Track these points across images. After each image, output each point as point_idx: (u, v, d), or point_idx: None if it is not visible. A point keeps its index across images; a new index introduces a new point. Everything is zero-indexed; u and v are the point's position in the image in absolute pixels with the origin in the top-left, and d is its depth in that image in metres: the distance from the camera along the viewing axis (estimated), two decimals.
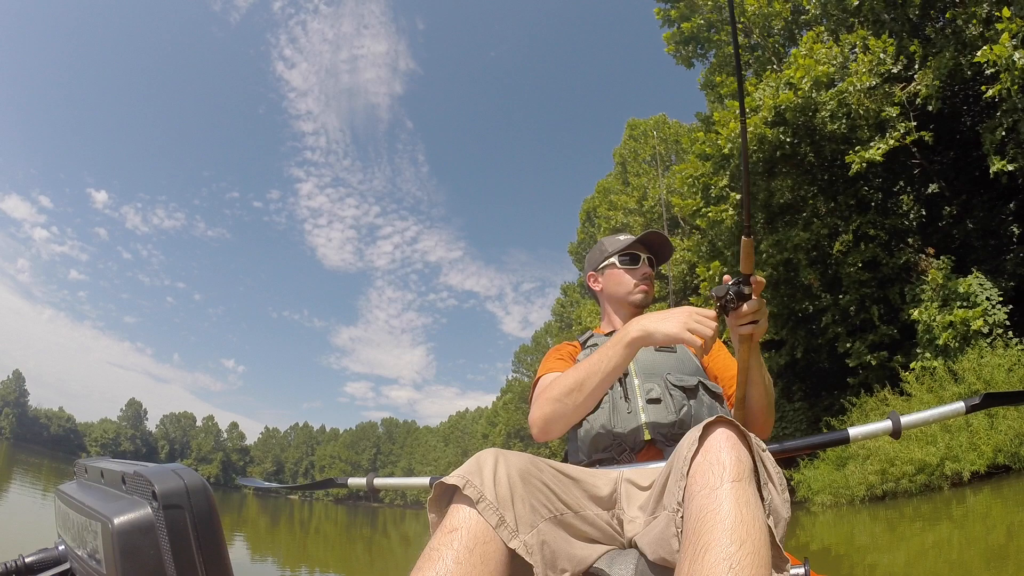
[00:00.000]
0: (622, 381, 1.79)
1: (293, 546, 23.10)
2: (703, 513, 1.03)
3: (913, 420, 1.68)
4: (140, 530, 0.85)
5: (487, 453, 1.30)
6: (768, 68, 17.19)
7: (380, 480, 2.18)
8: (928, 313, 12.98)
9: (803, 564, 1.26)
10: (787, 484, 1.27)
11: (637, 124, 35.78)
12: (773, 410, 1.77)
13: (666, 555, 1.18)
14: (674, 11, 18.67)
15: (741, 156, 1.34)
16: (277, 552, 19.48)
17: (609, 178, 37.04)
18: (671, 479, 1.21)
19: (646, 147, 33.95)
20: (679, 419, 1.68)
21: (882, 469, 11.86)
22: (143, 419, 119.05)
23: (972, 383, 11.13)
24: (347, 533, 36.57)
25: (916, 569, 7.53)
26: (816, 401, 17.79)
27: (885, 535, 9.98)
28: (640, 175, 32.32)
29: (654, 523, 1.27)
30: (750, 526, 0.99)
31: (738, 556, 0.94)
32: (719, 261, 17.22)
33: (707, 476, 1.08)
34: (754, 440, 1.19)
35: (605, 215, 34.44)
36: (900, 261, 14.77)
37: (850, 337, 15.43)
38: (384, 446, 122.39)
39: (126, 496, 0.94)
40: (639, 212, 30.64)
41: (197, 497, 0.90)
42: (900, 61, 14.09)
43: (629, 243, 2.07)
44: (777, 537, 1.11)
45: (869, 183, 15.72)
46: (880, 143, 13.54)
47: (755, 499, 1.06)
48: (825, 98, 14.09)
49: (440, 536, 1.15)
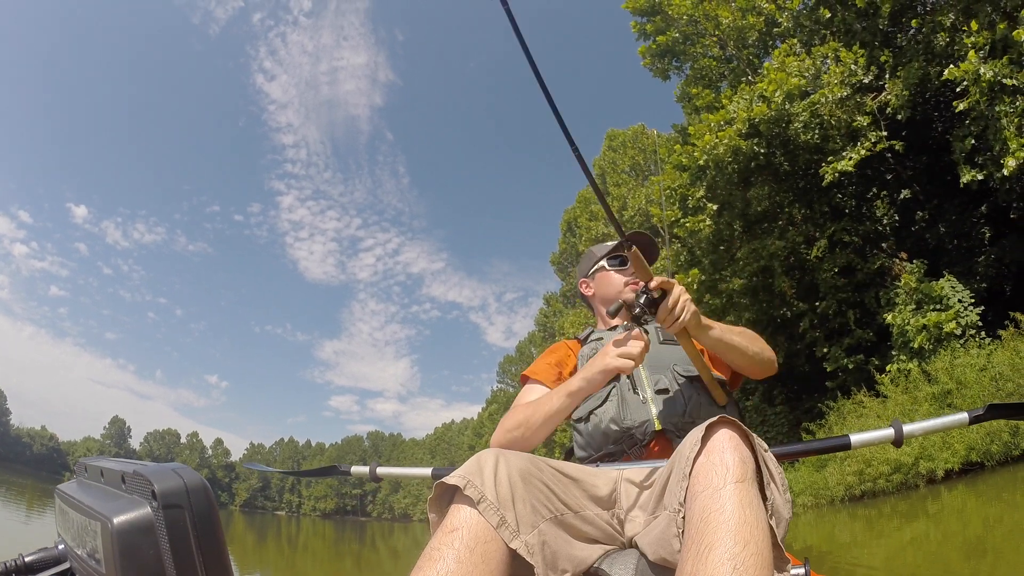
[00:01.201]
0: (630, 375, 1.79)
1: (281, 563, 22.98)
2: (706, 513, 1.04)
3: (915, 429, 1.70)
4: (140, 530, 0.86)
5: (487, 453, 1.30)
6: (743, 80, 17.55)
7: (383, 469, 2.22)
8: (902, 316, 13.25)
9: (803, 564, 1.27)
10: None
11: (616, 135, 36.12)
12: (764, 350, 1.86)
13: (667, 555, 1.20)
14: (650, 25, 18.98)
15: (595, 191, 1.57)
16: (265, 570, 19.35)
17: (589, 188, 37.27)
18: (673, 479, 1.22)
19: (625, 157, 34.30)
20: (688, 408, 1.71)
21: (859, 470, 12.12)
22: (127, 437, 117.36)
23: (945, 383, 11.42)
24: (335, 548, 36.31)
25: (896, 563, 7.71)
26: (797, 404, 18.02)
27: (864, 532, 10.22)
28: (620, 185, 32.61)
29: (655, 523, 1.29)
30: (753, 527, 1.01)
31: (742, 556, 0.96)
32: (697, 269, 17.49)
33: (710, 477, 1.10)
34: (757, 441, 1.22)
35: (586, 225, 34.75)
36: (875, 266, 15.06)
37: (828, 341, 15.71)
38: (370, 459, 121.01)
39: (126, 496, 0.95)
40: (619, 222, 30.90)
41: (197, 497, 0.90)
42: (871, 71, 14.41)
43: (615, 244, 2.12)
44: (779, 537, 1.13)
45: (843, 190, 16.05)
46: (852, 152, 13.86)
47: (758, 500, 1.08)
48: (798, 109, 14.41)
49: (441, 536, 1.15)
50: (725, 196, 16.51)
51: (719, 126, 15.46)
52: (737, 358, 1.81)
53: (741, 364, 1.84)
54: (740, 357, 1.80)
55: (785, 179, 16.55)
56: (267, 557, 25.39)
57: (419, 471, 2.08)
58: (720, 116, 15.61)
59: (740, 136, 15.03)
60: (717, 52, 19.02)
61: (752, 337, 1.86)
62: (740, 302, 17.63)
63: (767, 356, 1.86)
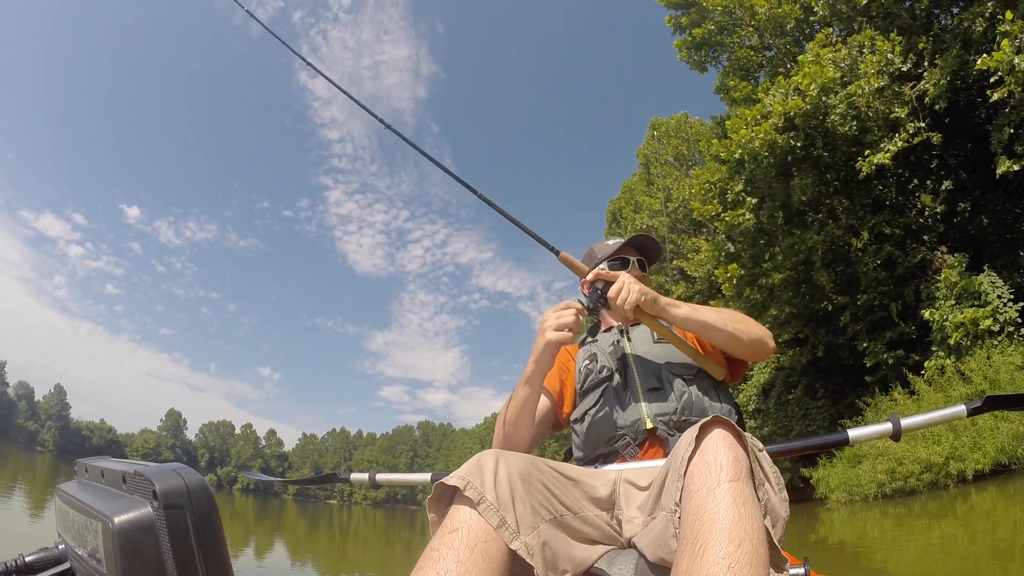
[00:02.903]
0: (622, 374, 1.81)
1: (332, 550, 23.55)
2: (701, 513, 1.04)
3: (914, 423, 1.69)
4: (140, 529, 0.86)
5: (487, 454, 1.31)
6: (780, 71, 17.33)
7: (382, 476, 2.21)
8: (940, 312, 13.01)
9: (803, 564, 1.28)
10: (806, 482, 1.44)
11: (660, 124, 35.58)
12: (749, 326, 1.80)
13: (665, 555, 1.20)
14: (685, 18, 18.84)
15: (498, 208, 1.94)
16: (317, 556, 19.88)
17: (634, 178, 36.94)
18: (668, 479, 1.22)
19: (668, 147, 33.89)
20: (680, 407, 1.68)
21: (891, 468, 12.01)
22: (183, 428, 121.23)
23: (979, 383, 11.21)
24: (385, 536, 36.93)
25: (926, 563, 7.67)
26: (840, 398, 17.79)
27: (894, 530, 10.20)
28: (664, 176, 32.25)
29: (653, 523, 1.28)
30: (748, 525, 1.00)
31: (736, 555, 0.95)
32: (737, 264, 17.37)
33: (704, 476, 1.10)
34: (750, 440, 1.22)
35: (630, 216, 34.50)
36: (915, 259, 14.80)
37: (869, 335, 15.48)
38: (421, 449, 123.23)
39: (126, 495, 0.95)
40: (664, 213, 30.57)
41: (198, 496, 0.90)
42: (909, 59, 14.12)
43: (618, 247, 2.09)
44: (776, 537, 1.13)
45: (884, 182, 15.76)
46: (889, 145, 13.61)
47: (753, 499, 1.08)
48: (835, 101, 14.20)
49: (441, 536, 1.15)
50: (765, 189, 16.35)
51: (755, 120, 15.31)
52: (718, 336, 1.76)
53: (725, 343, 1.78)
54: (720, 335, 1.76)
55: (826, 170, 16.33)
56: (319, 544, 26.06)
57: (419, 477, 2.07)
58: (756, 110, 15.46)
59: (776, 130, 14.87)
60: (755, 41, 18.80)
61: (735, 315, 1.82)
62: (781, 296, 17.45)
63: (755, 334, 1.80)
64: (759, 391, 21.55)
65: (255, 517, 40.68)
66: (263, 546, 20.70)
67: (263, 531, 28.68)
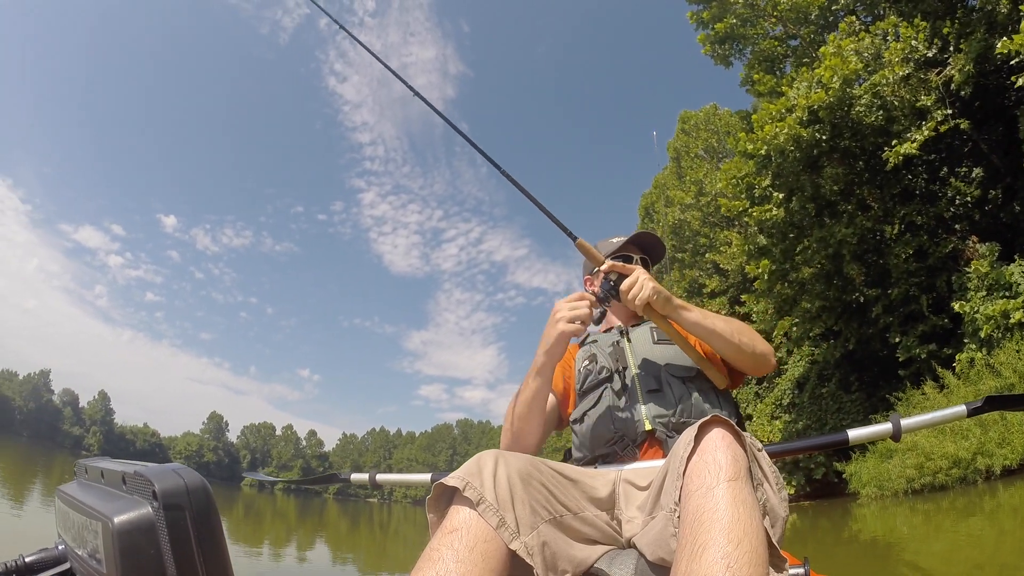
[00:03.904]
0: (622, 374, 1.79)
1: (373, 548, 23.79)
2: (700, 513, 1.03)
3: (914, 423, 1.68)
4: (140, 530, 0.87)
5: (487, 454, 1.30)
6: (805, 61, 17.16)
7: (382, 476, 2.20)
8: (971, 304, 12.77)
9: (803, 564, 1.28)
10: (839, 476, 1.44)
11: (689, 116, 35.26)
12: (755, 341, 1.78)
13: (665, 555, 1.19)
14: (706, 13, 18.74)
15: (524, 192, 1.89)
16: (358, 554, 20.04)
17: (665, 172, 36.74)
18: (668, 479, 1.22)
19: (698, 140, 33.64)
20: (679, 408, 1.67)
21: (919, 463, 11.88)
22: (224, 431, 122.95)
23: (1008, 377, 11.00)
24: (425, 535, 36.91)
25: (954, 560, 7.62)
26: (874, 392, 17.59)
27: (923, 526, 10.10)
28: (695, 169, 32.04)
29: (652, 523, 1.28)
30: (747, 525, 1.00)
31: (735, 555, 0.95)
32: (767, 259, 17.27)
33: (703, 476, 1.09)
34: (749, 440, 1.22)
35: (662, 211, 34.32)
36: (947, 249, 14.54)
37: (901, 328, 15.26)
38: (460, 447, 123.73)
39: (126, 496, 0.95)
40: (696, 207, 30.40)
41: (197, 496, 0.91)
42: (935, 44, 13.88)
43: (621, 244, 2.08)
44: (775, 537, 1.12)
45: (913, 171, 15.52)
46: (916, 134, 13.40)
47: (752, 498, 1.07)
48: (859, 92, 14.03)
49: (440, 536, 1.15)
50: (793, 182, 16.21)
51: (779, 115, 15.20)
52: (722, 345, 1.74)
53: (729, 353, 1.76)
54: (726, 345, 1.73)
55: (855, 160, 16.14)
56: (359, 542, 26.36)
57: (419, 477, 2.07)
58: (780, 104, 15.34)
59: (800, 124, 14.73)
60: (779, 32, 18.63)
61: (742, 327, 1.79)
62: (812, 289, 17.28)
63: (760, 349, 1.78)
64: (793, 384, 21.38)
65: (296, 517, 41.38)
66: (305, 543, 21.12)
67: (304, 530, 29.19)
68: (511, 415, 1.78)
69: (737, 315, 24.81)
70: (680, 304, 1.71)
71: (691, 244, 31.14)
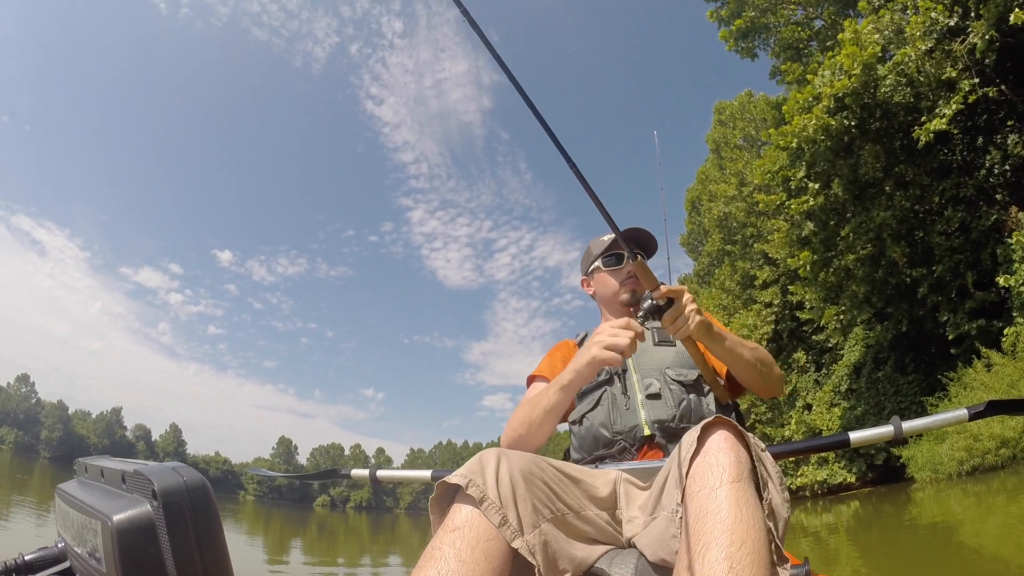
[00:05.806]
0: (621, 377, 1.78)
1: None
2: (703, 513, 1.03)
3: (915, 426, 1.67)
4: (140, 528, 0.87)
5: (489, 453, 1.29)
6: (829, 43, 17.00)
7: (383, 472, 2.19)
8: (1016, 276, 12.51)
9: (803, 564, 1.28)
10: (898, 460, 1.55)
11: (724, 107, 34.88)
12: (772, 369, 1.78)
13: (666, 555, 1.19)
14: (724, 10, 18.80)
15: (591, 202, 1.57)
16: None
17: (707, 164, 36.49)
18: (670, 480, 1.22)
19: (735, 131, 33.32)
20: (679, 413, 1.67)
21: (968, 445, 11.74)
22: (294, 454, 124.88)
23: None
24: None
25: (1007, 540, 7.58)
26: (931, 372, 17.18)
27: (975, 508, 9.98)
28: (735, 160, 31.72)
29: (654, 523, 1.28)
30: (750, 526, 1.00)
31: (738, 556, 0.95)
32: (808, 250, 17.15)
33: (706, 477, 1.09)
34: (752, 440, 1.20)
35: (707, 205, 34.07)
36: (989, 222, 14.25)
37: (949, 306, 14.99)
38: None
39: (126, 494, 0.95)
40: (739, 198, 30.11)
41: (197, 495, 0.91)
42: (955, 12, 13.62)
43: (610, 241, 2.07)
44: (777, 536, 1.11)
45: (948, 145, 15.24)
46: (944, 108, 13.21)
47: (754, 499, 1.07)
48: (884, 71, 13.91)
49: (442, 535, 1.14)
50: (829, 169, 16.08)
51: (807, 105, 15.13)
52: (744, 372, 1.74)
53: (747, 379, 1.77)
54: (748, 372, 1.73)
55: (887, 140, 15.93)
56: None
57: (419, 474, 2.05)
58: (808, 92, 15.28)
59: (827, 113, 14.67)
60: (801, 16, 18.53)
61: (765, 357, 1.78)
62: (856, 273, 17.05)
63: (775, 376, 1.79)
64: (850, 370, 21.07)
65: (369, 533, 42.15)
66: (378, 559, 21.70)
67: (378, 547, 29.91)
68: (523, 419, 1.75)
69: (788, 304, 24.59)
70: (718, 332, 1.66)
71: (739, 236, 30.82)
